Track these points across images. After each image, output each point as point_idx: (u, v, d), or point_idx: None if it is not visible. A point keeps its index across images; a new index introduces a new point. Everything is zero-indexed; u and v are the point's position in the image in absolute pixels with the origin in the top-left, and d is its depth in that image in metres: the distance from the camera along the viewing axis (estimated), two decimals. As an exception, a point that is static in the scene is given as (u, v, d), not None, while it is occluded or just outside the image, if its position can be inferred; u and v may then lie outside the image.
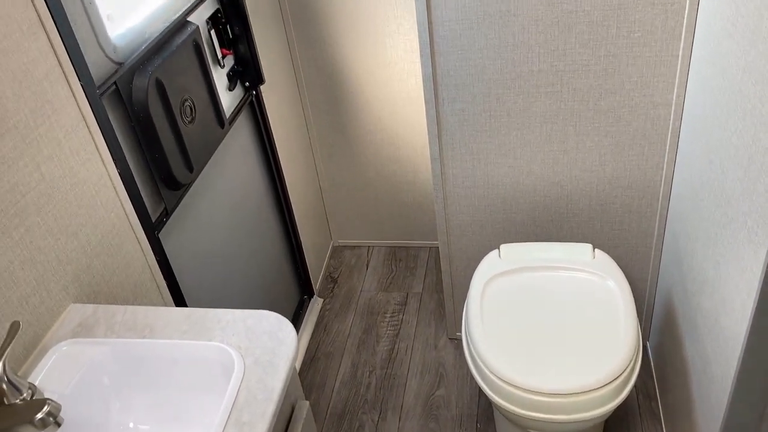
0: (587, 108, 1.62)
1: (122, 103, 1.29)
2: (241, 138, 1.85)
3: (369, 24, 2.10)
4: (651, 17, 1.46)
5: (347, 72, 2.22)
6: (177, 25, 1.47)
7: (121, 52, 1.30)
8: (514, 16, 1.51)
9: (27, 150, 1.01)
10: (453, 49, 1.59)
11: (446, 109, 1.70)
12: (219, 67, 1.70)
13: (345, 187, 2.51)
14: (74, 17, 1.15)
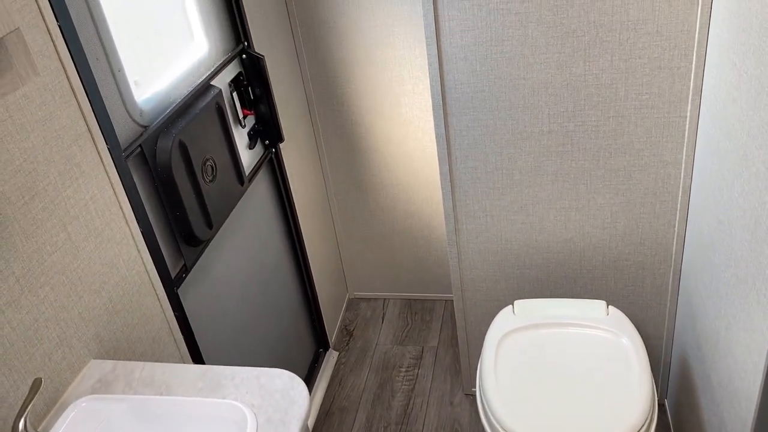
0: (597, 167, 1.65)
1: (146, 164, 1.34)
2: (260, 194, 1.90)
3: (386, 84, 2.17)
4: (658, 80, 1.50)
5: (364, 129, 2.28)
6: (201, 89, 1.54)
7: (147, 115, 1.36)
8: (524, 80, 1.56)
9: (55, 211, 1.06)
10: (465, 110, 1.64)
11: (459, 167, 1.74)
12: (240, 127, 1.77)
13: (361, 240, 2.55)
14: (104, 84, 1.22)
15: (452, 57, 1.57)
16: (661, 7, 1.41)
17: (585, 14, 1.45)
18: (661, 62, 1.48)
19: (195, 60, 1.56)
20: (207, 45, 1.62)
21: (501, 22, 1.50)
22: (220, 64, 1.65)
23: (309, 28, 2.12)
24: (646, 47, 1.47)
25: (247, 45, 1.78)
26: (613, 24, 1.45)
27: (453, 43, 1.55)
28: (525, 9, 1.47)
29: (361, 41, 2.11)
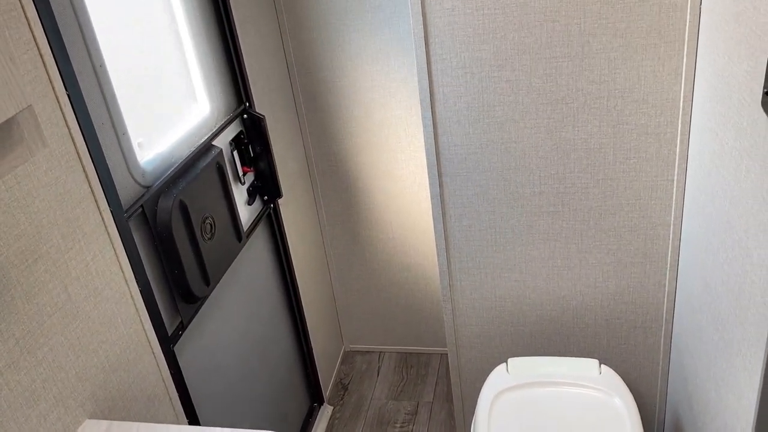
0: (588, 227, 1.69)
1: (147, 223, 1.38)
2: (258, 249, 1.94)
3: (383, 141, 2.22)
4: (645, 145, 1.55)
5: (362, 183, 2.32)
6: (202, 149, 1.58)
7: (149, 176, 1.40)
8: (515, 143, 1.61)
9: (57, 273, 1.09)
10: (459, 171, 1.68)
11: (453, 225, 1.77)
12: (240, 184, 1.81)
13: (357, 293, 2.57)
14: (108, 148, 1.26)
15: (446, 120, 1.63)
16: (647, 77, 1.47)
17: (573, 82, 1.51)
18: (648, 128, 1.53)
19: (197, 121, 1.62)
20: (209, 106, 1.68)
21: (493, 89, 1.56)
22: (222, 124, 1.70)
23: (309, 88, 2.18)
24: (633, 114, 1.52)
25: (249, 105, 1.84)
26: (601, 92, 1.51)
27: (447, 107, 1.61)
28: (515, 77, 1.53)
29: (360, 101, 2.17)
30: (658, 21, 1.41)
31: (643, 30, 1.43)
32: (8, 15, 1.00)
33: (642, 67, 1.47)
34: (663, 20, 1.41)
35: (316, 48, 2.12)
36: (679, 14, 1.39)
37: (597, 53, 1.47)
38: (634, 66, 1.47)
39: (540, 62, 1.51)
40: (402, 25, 2.03)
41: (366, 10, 2.02)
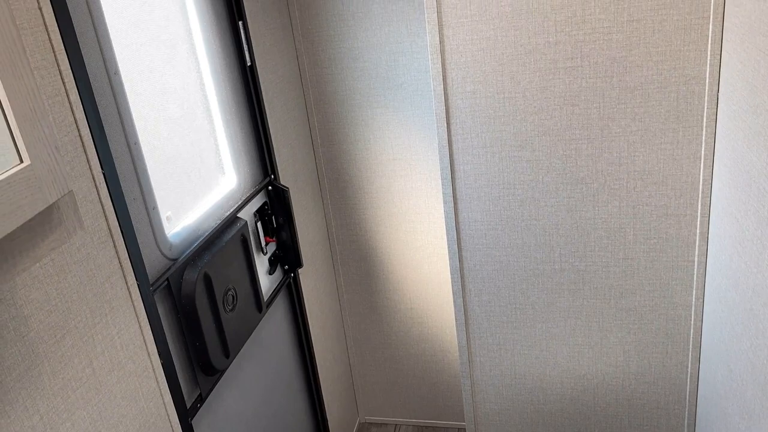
0: (609, 306, 1.68)
1: (171, 295, 1.40)
2: (277, 319, 1.94)
3: (403, 211, 2.25)
4: (665, 226, 1.56)
5: (380, 253, 2.34)
6: (228, 222, 1.62)
7: (176, 249, 1.43)
8: (536, 220, 1.63)
9: (83, 348, 1.10)
10: (479, 246, 1.70)
11: (473, 300, 1.77)
12: (262, 254, 1.84)
13: (374, 364, 2.55)
14: (138, 222, 1.30)
15: (466, 196, 1.65)
16: (666, 160, 1.50)
17: (593, 163, 1.54)
18: (667, 209, 1.54)
19: (225, 193, 1.66)
20: (236, 178, 1.72)
21: (513, 168, 1.59)
22: (248, 196, 1.74)
23: (332, 159, 2.23)
24: (653, 195, 1.54)
25: (274, 177, 1.88)
26: (621, 173, 1.53)
27: (467, 184, 1.64)
28: (536, 157, 1.56)
29: (381, 172, 2.21)
30: (676, 107, 1.44)
31: (661, 115, 1.46)
32: (53, 100, 1.05)
33: (661, 150, 1.49)
34: (681, 106, 1.44)
35: (340, 122, 2.18)
36: (697, 101, 1.42)
37: (616, 136, 1.50)
38: (653, 149, 1.49)
39: (560, 143, 1.54)
40: (424, 102, 2.09)
41: (389, 87, 2.09)
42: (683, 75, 1.41)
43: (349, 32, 2.05)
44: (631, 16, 1.39)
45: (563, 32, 1.43)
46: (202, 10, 1.56)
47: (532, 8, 1.43)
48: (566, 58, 1.45)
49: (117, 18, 1.29)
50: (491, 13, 1.45)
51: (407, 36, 2.02)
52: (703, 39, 1.37)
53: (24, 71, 0.78)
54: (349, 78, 2.11)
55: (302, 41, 2.09)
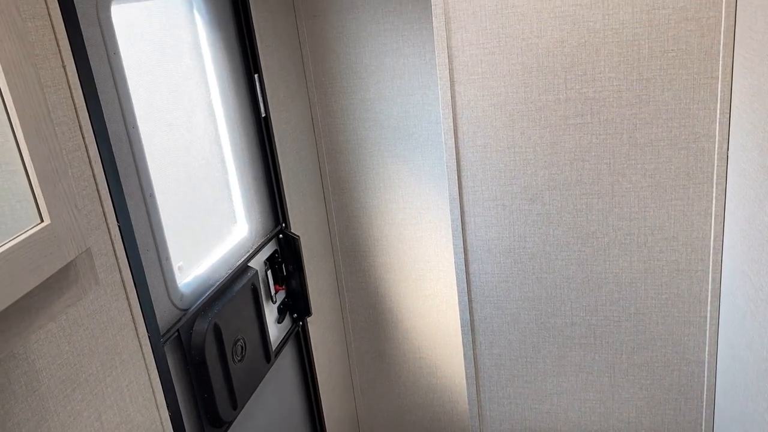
0: (621, 361, 1.66)
1: (181, 346, 1.40)
2: (284, 368, 1.93)
3: (412, 259, 2.25)
4: (677, 282, 1.55)
5: (389, 300, 2.34)
6: (239, 271, 1.62)
7: (187, 299, 1.44)
8: (547, 274, 1.63)
9: (93, 401, 1.10)
10: (489, 299, 1.69)
11: (483, 352, 1.76)
12: (271, 303, 1.84)
13: (382, 414, 2.51)
14: (151, 273, 1.30)
15: (477, 248, 1.66)
16: (677, 216, 1.50)
17: (604, 218, 1.54)
18: (678, 265, 1.54)
19: (236, 241, 1.67)
20: (248, 227, 1.73)
21: (523, 221, 1.59)
22: (259, 245, 1.75)
23: (343, 207, 2.25)
24: (664, 251, 1.54)
25: (285, 226, 1.90)
26: (632, 228, 1.54)
27: (478, 236, 1.64)
28: (546, 211, 1.57)
29: (391, 221, 2.22)
30: (686, 164, 1.45)
31: (671, 171, 1.47)
32: (73, 155, 1.07)
33: (672, 206, 1.50)
34: (691, 163, 1.45)
35: (351, 170, 2.20)
36: (707, 159, 1.43)
37: (627, 191, 1.51)
38: (663, 205, 1.50)
39: (570, 198, 1.55)
40: (434, 152, 2.11)
41: (400, 137, 2.12)
42: (693, 132, 1.42)
43: (362, 84, 2.08)
44: (641, 75, 1.41)
45: (573, 90, 1.46)
46: (219, 65, 1.60)
47: (543, 66, 1.45)
48: (576, 115, 1.47)
49: (137, 73, 1.33)
50: (502, 70, 1.48)
51: (418, 88, 2.06)
52: (713, 98, 1.39)
53: (48, 133, 0.80)
54: (361, 128, 2.14)
55: (315, 92, 2.13)
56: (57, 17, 1.03)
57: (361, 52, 2.05)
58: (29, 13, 0.98)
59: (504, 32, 1.45)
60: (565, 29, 1.42)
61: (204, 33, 1.56)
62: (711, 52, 1.36)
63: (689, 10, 1.34)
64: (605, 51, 1.41)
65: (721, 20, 1.33)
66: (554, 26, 1.42)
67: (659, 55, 1.38)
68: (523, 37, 1.45)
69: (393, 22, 1.99)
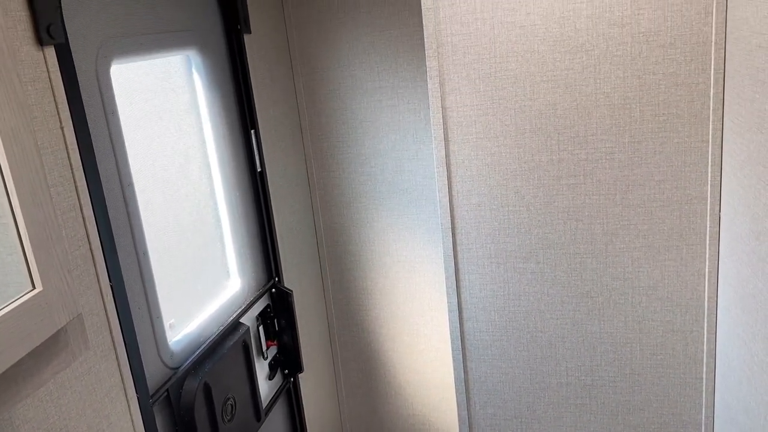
0: (617, 422, 1.64)
1: (170, 405, 1.37)
2: (275, 425, 1.89)
3: (406, 313, 2.24)
4: (672, 342, 1.54)
5: (383, 356, 2.31)
6: (230, 328, 1.61)
7: (177, 357, 1.41)
8: (541, 332, 1.62)
9: (77, 467, 1.07)
10: (484, 357, 1.68)
11: (478, 412, 1.73)
12: (262, 359, 1.81)
13: (373, 471, 2.46)
14: (141, 332, 1.29)
15: (471, 306, 1.65)
16: (670, 276, 1.50)
17: (598, 278, 1.54)
18: (673, 325, 1.53)
19: (228, 297, 1.65)
20: (241, 282, 1.72)
21: (518, 280, 1.59)
22: (251, 300, 1.74)
23: (336, 260, 2.24)
24: (659, 311, 1.53)
25: (278, 280, 1.89)
26: (626, 288, 1.53)
27: (472, 294, 1.64)
28: (540, 270, 1.57)
29: (385, 274, 2.22)
30: (679, 225, 1.46)
31: (664, 232, 1.48)
32: (67, 215, 1.07)
33: (665, 267, 1.50)
34: (684, 224, 1.46)
35: (345, 224, 2.20)
36: (700, 220, 1.44)
37: (620, 251, 1.51)
38: (657, 265, 1.50)
39: (564, 257, 1.55)
40: (428, 207, 2.12)
41: (395, 192, 2.13)
42: (685, 195, 1.44)
43: (357, 139, 2.11)
44: (633, 137, 1.43)
45: (566, 151, 1.47)
46: (216, 121, 1.61)
47: (536, 128, 1.48)
48: (569, 176, 1.49)
49: (134, 131, 1.34)
50: (495, 131, 1.50)
51: (413, 143, 2.08)
52: (704, 161, 1.41)
53: (44, 199, 0.80)
54: (356, 182, 2.15)
55: (311, 146, 2.15)
56: (57, 80, 1.04)
57: (357, 108, 2.08)
58: (30, 76, 0.99)
59: (497, 95, 1.48)
60: (557, 93, 1.44)
61: (202, 90, 1.58)
62: (701, 117, 1.38)
63: (679, 75, 1.37)
64: (597, 114, 1.43)
65: (710, 86, 1.36)
66: (547, 89, 1.45)
67: (650, 119, 1.41)
68: (516, 99, 1.47)
69: (389, 80, 2.02)
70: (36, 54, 1.01)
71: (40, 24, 1.01)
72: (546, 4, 1.39)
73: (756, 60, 1.12)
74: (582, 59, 1.41)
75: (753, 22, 1.13)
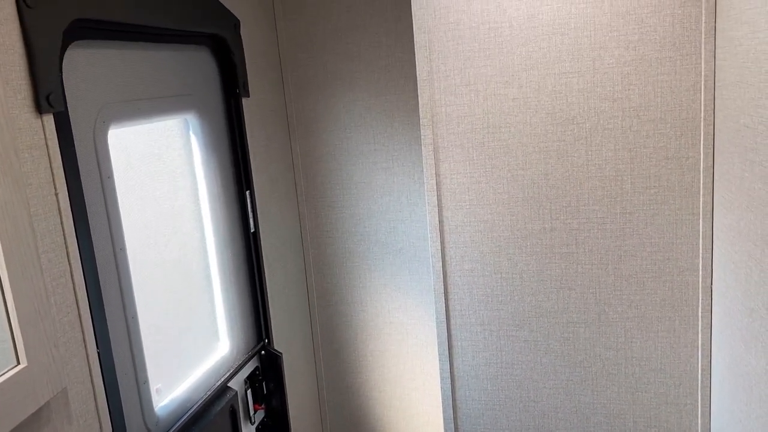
0: (611, 497, 1.60)
1: (153, 476, 1.33)
2: (261, 494, 1.84)
3: (397, 375, 2.21)
4: (666, 414, 1.52)
5: (373, 420, 2.26)
6: (218, 392, 1.58)
7: (163, 423, 1.38)
8: (534, 402, 1.59)
9: None
10: (476, 427, 1.65)
11: (468, 483, 1.69)
12: (249, 424, 1.77)
13: None
14: (127, 397, 1.26)
15: (464, 374, 1.63)
16: (663, 347, 1.49)
17: (591, 347, 1.53)
18: (667, 398, 1.52)
19: (216, 360, 1.63)
20: (229, 345, 1.70)
21: (511, 348, 1.58)
22: (240, 363, 1.71)
23: (328, 321, 2.22)
24: (652, 382, 1.52)
25: (268, 342, 1.86)
26: (618, 358, 1.52)
27: (465, 361, 1.62)
28: (534, 338, 1.56)
29: (377, 336, 2.19)
30: (671, 296, 1.46)
31: (657, 303, 1.47)
32: (57, 282, 1.06)
33: (658, 338, 1.49)
34: (676, 296, 1.46)
35: (337, 284, 2.19)
36: (692, 292, 1.45)
37: (613, 321, 1.51)
38: (650, 336, 1.49)
39: (557, 326, 1.54)
40: (421, 268, 2.11)
41: (388, 252, 2.13)
42: (677, 266, 1.44)
43: (351, 200, 2.12)
44: (624, 208, 1.44)
45: (558, 220, 1.48)
46: (212, 182, 1.62)
47: (528, 197, 1.49)
48: (562, 244, 1.49)
49: (128, 194, 1.34)
50: (489, 198, 1.51)
51: (407, 206, 2.09)
52: (695, 234, 1.42)
53: (34, 273, 0.79)
54: (349, 242, 2.16)
55: (306, 206, 2.15)
56: (54, 147, 1.05)
57: (352, 170, 2.09)
58: (27, 143, 1.00)
59: (490, 163, 1.50)
60: (550, 163, 1.46)
61: (198, 152, 1.59)
62: (691, 190, 1.40)
63: (669, 149, 1.40)
64: (589, 185, 1.45)
65: (699, 160, 1.38)
66: (539, 159, 1.47)
67: (641, 191, 1.43)
68: (509, 168, 1.49)
69: (384, 143, 2.05)
70: (34, 122, 1.02)
71: (40, 92, 1.02)
72: (538, 78, 1.43)
73: (744, 139, 1.14)
74: (574, 131, 1.43)
75: (740, 102, 1.16)
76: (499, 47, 1.44)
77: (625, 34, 1.36)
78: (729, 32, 1.22)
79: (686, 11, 1.33)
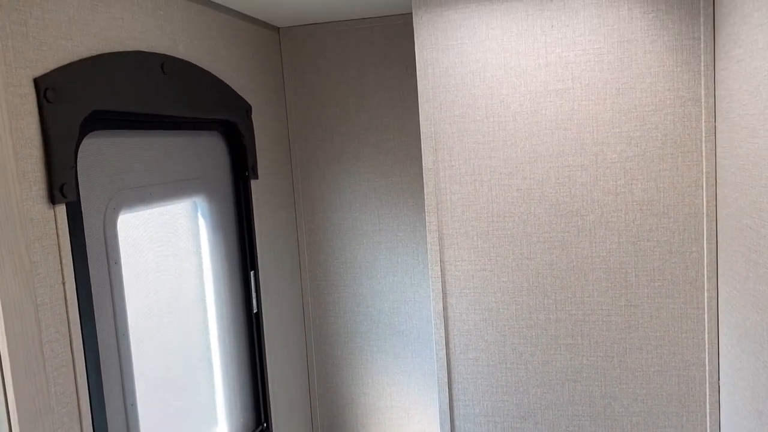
0: None
1: None
2: None
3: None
4: None
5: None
6: (214, 481, 1.54)
7: None
8: None
9: None
10: None
11: None
12: None
13: None
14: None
15: None
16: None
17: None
18: (677, 497, 1.47)
19: (214, 447, 1.59)
20: (227, 429, 1.66)
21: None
22: (238, 449, 1.67)
23: (328, 404, 2.18)
24: None
25: (267, 425, 1.83)
26: None
27: None
28: (539, 430, 1.53)
29: (378, 420, 2.15)
30: (678, 391, 1.44)
31: (663, 398, 1.45)
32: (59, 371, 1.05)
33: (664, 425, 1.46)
34: (683, 390, 1.44)
35: (339, 364, 2.16)
36: (698, 387, 1.42)
37: (619, 416, 1.48)
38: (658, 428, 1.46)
39: (563, 419, 1.51)
40: (424, 350, 2.09)
41: (391, 333, 2.11)
42: (683, 360, 1.43)
43: (355, 279, 2.12)
44: (629, 301, 1.44)
45: (563, 311, 1.48)
46: (217, 263, 1.63)
47: (533, 286, 1.49)
48: (567, 335, 1.48)
49: (134, 279, 1.35)
50: (493, 287, 1.51)
51: (410, 286, 2.09)
52: (700, 328, 1.41)
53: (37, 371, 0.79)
54: (351, 321, 2.14)
55: (309, 284, 2.15)
56: (64, 236, 1.06)
57: (356, 249, 2.10)
58: (38, 234, 1.01)
59: (495, 252, 1.50)
60: (554, 253, 1.47)
61: (206, 233, 1.61)
62: (696, 285, 1.40)
63: (673, 243, 1.40)
64: (593, 276, 1.45)
65: (703, 255, 1.39)
66: (543, 249, 1.47)
67: (646, 284, 1.43)
68: (513, 257, 1.50)
69: (389, 224, 2.06)
70: (47, 212, 1.03)
71: (54, 184, 1.04)
72: (543, 170, 1.45)
73: (747, 240, 1.15)
74: (578, 223, 1.45)
75: (742, 203, 1.17)
76: (503, 140, 1.47)
77: (627, 130, 1.40)
78: (729, 133, 1.25)
79: (686, 110, 1.36)
